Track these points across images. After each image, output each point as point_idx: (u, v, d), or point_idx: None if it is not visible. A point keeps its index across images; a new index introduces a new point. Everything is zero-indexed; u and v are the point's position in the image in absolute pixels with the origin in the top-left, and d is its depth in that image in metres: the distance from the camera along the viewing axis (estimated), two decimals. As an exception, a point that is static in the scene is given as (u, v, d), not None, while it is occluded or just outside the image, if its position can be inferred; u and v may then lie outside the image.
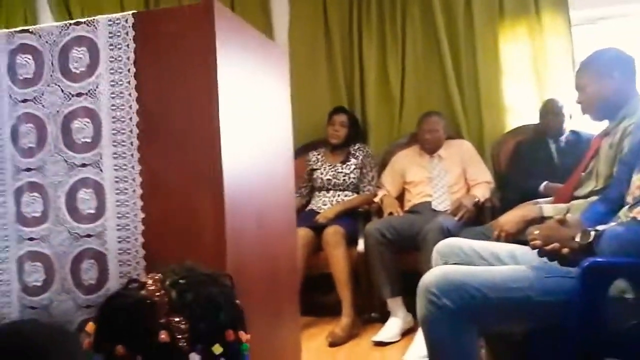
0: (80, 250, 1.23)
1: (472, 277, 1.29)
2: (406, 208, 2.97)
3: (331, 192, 3.07)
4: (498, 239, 1.86)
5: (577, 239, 1.32)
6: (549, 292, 1.26)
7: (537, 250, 1.37)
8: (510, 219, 1.91)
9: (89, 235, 1.23)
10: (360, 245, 2.81)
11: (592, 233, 1.30)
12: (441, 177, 2.97)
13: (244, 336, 0.77)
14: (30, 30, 1.27)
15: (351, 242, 2.80)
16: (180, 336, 0.71)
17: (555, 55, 3.20)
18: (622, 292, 1.25)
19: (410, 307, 2.62)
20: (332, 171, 3.08)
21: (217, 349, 0.73)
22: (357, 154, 3.10)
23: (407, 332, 2.56)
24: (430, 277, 1.32)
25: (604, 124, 2.00)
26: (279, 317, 1.60)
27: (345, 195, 3.06)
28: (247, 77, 1.38)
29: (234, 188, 1.23)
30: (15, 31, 1.27)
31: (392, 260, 2.64)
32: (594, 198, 1.78)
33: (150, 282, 0.78)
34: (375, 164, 3.15)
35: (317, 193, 3.12)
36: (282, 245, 1.62)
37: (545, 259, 1.37)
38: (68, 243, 1.24)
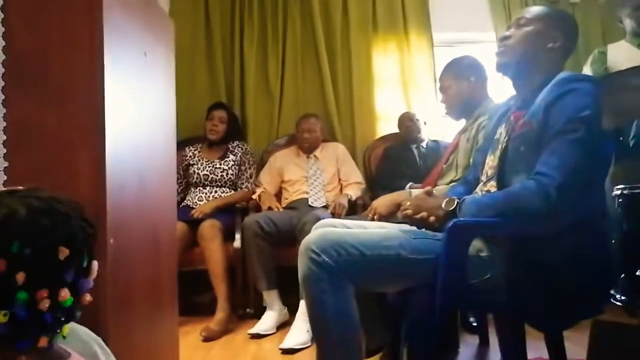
0: None
1: (349, 236, 1.36)
2: (284, 205, 3.02)
3: (208, 187, 3.01)
4: (372, 220, 1.97)
5: (443, 205, 1.45)
6: (417, 250, 1.37)
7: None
8: (383, 202, 2.04)
9: None
10: (237, 241, 2.78)
11: (456, 200, 1.44)
12: (317, 176, 3.07)
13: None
14: None
15: (228, 237, 2.76)
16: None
17: (420, 71, 3.53)
18: (479, 250, 1.40)
19: (286, 301, 2.64)
20: (209, 167, 3.02)
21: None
22: (236, 150, 3.09)
23: (283, 326, 2.56)
24: (311, 237, 1.35)
25: (461, 124, 2.25)
26: (159, 295, 1.52)
27: (223, 192, 3.01)
28: (133, 32, 1.32)
29: (117, 149, 1.16)
30: None
31: (269, 253, 2.65)
32: (455, 184, 1.98)
33: None
34: (254, 161, 3.16)
35: (192, 189, 3.04)
36: (164, 218, 1.55)
37: (415, 227, 1.49)
38: None
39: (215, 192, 3.00)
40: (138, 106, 1.35)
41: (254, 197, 3.02)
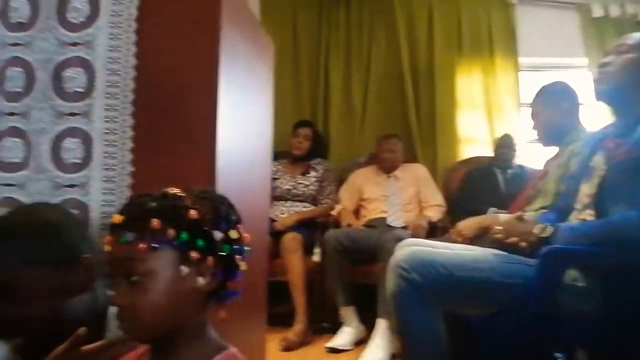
0: (61, 199, 1.20)
1: (439, 256, 1.37)
2: (362, 222, 3.05)
3: (289, 202, 3.11)
4: (456, 242, 1.96)
5: (536, 231, 1.43)
6: (508, 275, 1.35)
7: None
8: (468, 224, 2.02)
9: (71, 185, 1.20)
10: (316, 255, 2.84)
11: (550, 227, 1.42)
12: (396, 196, 3.08)
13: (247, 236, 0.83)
14: (30, -23, 1.27)
15: (307, 251, 2.83)
16: (205, 217, 0.76)
17: (505, 94, 3.47)
18: (574, 280, 1.36)
19: (363, 318, 2.66)
20: (292, 182, 3.13)
21: (233, 234, 0.78)
22: (318, 167, 3.17)
23: (359, 343, 2.58)
24: (400, 254, 1.38)
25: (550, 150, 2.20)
26: (250, 304, 1.59)
27: (304, 206, 3.10)
28: (242, 52, 1.42)
29: (226, 159, 1.25)
30: (13, -25, 1.27)
31: (347, 270, 2.68)
32: (544, 210, 1.93)
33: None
34: (334, 178, 3.23)
35: (275, 202, 3.15)
36: (257, 229, 1.63)
37: (505, 252, 1.48)
38: (48, 192, 1.21)
39: (296, 206, 3.10)
40: (243, 121, 1.45)
41: (333, 213, 3.08)
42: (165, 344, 0.75)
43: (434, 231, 2.94)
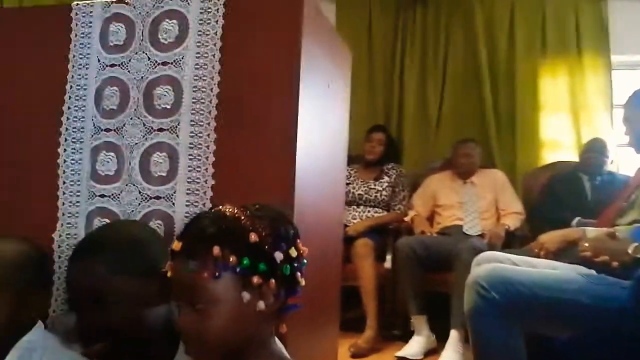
0: (148, 210, 1.28)
1: (521, 275, 1.31)
2: (436, 230, 2.99)
3: (361, 207, 3.10)
4: (538, 257, 1.87)
5: (630, 251, 1.34)
6: (598, 297, 1.27)
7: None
8: (552, 237, 1.92)
9: (158, 197, 1.28)
10: (388, 262, 2.82)
11: (646, 247, 1.32)
12: (473, 203, 2.99)
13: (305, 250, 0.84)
14: (126, 1, 1.35)
15: (379, 257, 2.82)
16: (265, 239, 0.77)
17: (594, 95, 3.27)
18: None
19: (434, 328, 2.61)
20: (364, 187, 3.12)
21: (293, 252, 0.79)
22: (391, 172, 3.15)
23: (430, 353, 2.54)
24: (480, 271, 1.34)
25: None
26: (324, 309, 1.61)
27: (376, 212, 3.09)
28: (321, 65, 1.44)
29: (304, 170, 1.27)
30: (111, 1, 1.36)
31: (420, 278, 2.64)
32: (638, 225, 1.80)
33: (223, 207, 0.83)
34: (408, 184, 3.18)
35: (347, 207, 3.16)
36: (332, 235, 1.64)
37: (593, 271, 1.39)
38: (137, 203, 1.29)
39: (369, 211, 3.09)
40: (320, 132, 1.46)
41: (406, 219, 3.04)
42: None
43: (512, 240, 2.83)
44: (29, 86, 1.41)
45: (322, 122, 1.48)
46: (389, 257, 2.83)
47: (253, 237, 0.76)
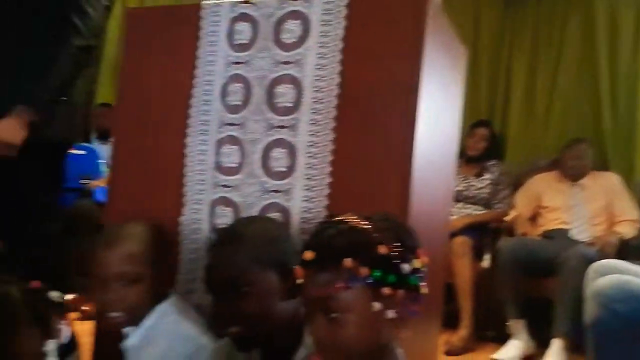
0: (266, 203, 1.34)
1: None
2: (539, 232, 2.86)
3: (460, 203, 3.03)
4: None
5: None
6: None
7: None
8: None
9: (276, 191, 1.34)
10: (485, 262, 2.75)
11: None
12: (582, 206, 2.82)
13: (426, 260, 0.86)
14: (252, 2, 1.41)
15: (476, 256, 2.75)
16: (393, 251, 0.80)
17: None
18: None
19: (532, 333, 2.52)
20: (464, 183, 3.05)
21: (418, 263, 0.82)
22: (493, 169, 3.04)
23: (527, 359, 2.46)
24: (604, 282, 1.28)
25: None
26: (428, 306, 1.61)
27: (475, 209, 3.01)
28: (440, 69, 1.42)
29: (420, 175, 1.27)
30: (238, 1, 1.43)
31: (521, 282, 2.55)
32: None
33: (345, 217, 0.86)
34: (510, 182, 3.07)
35: (445, 203, 3.11)
36: (439, 232, 1.63)
37: None
38: (257, 195, 1.36)
39: (468, 208, 3.01)
40: (436, 134, 1.45)
41: (507, 219, 2.93)
42: None
43: (626, 251, 2.63)
44: (160, 81, 1.52)
45: (438, 123, 1.47)
46: (487, 257, 2.76)
47: (382, 249, 0.79)
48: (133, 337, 1.20)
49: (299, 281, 0.84)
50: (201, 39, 1.46)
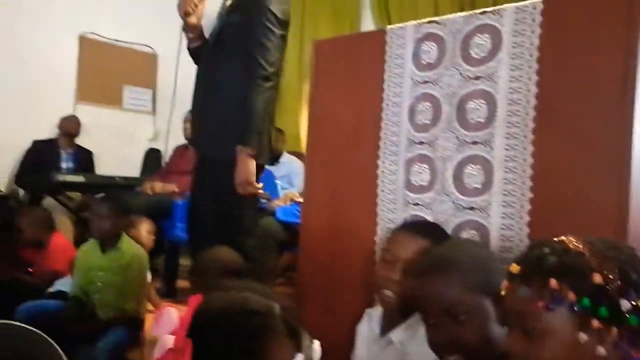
0: (462, 220, 1.34)
1: None
2: None
3: None
4: None
5: None
6: None
7: None
8: None
9: (472, 208, 1.32)
10: None
11: None
12: None
13: None
14: (437, 21, 1.43)
15: None
16: (611, 282, 0.72)
17: None
18: None
19: None
20: None
21: None
22: None
23: None
24: None
25: None
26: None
27: None
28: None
29: (637, 191, 1.15)
30: (422, 22, 1.45)
31: None
32: None
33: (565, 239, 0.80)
34: None
35: None
36: None
37: None
38: (450, 212, 1.36)
39: None
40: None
41: None
42: None
43: None
44: (349, 106, 1.60)
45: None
46: None
47: (597, 278, 0.72)
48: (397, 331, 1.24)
49: (502, 293, 0.82)
50: (387, 62, 1.52)
